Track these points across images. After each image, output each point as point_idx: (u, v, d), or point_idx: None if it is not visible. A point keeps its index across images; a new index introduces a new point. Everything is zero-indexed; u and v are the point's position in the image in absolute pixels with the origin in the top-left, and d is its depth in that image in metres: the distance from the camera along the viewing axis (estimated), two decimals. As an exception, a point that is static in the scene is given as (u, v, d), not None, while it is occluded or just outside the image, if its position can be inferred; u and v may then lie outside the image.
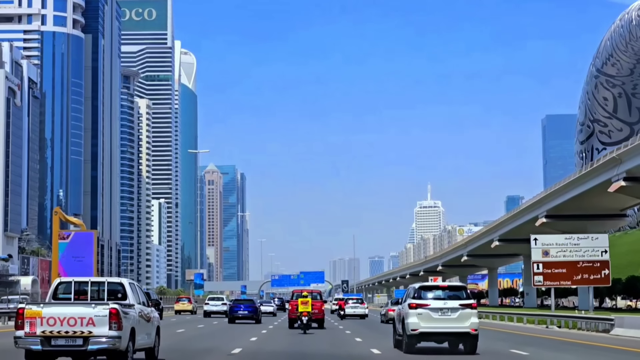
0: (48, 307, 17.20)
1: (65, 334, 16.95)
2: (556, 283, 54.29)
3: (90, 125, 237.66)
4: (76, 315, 16.98)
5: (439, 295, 24.24)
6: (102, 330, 16.96)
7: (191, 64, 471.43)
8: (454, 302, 23.88)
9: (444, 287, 25.04)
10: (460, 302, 23.91)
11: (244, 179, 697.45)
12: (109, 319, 16.96)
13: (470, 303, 24.04)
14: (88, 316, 16.96)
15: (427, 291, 24.46)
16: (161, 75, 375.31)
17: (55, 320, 16.94)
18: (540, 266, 53.26)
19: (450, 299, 24.08)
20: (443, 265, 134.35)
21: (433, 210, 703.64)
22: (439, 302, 23.89)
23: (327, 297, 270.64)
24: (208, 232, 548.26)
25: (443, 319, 23.68)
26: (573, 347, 29.75)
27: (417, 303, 23.92)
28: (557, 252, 53.10)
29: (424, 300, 23.99)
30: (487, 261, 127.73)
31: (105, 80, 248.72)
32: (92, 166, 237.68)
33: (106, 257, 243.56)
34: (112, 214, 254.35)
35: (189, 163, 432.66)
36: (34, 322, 16.95)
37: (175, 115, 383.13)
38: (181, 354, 23.94)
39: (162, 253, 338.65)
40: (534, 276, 53.99)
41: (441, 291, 24.50)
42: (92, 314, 16.96)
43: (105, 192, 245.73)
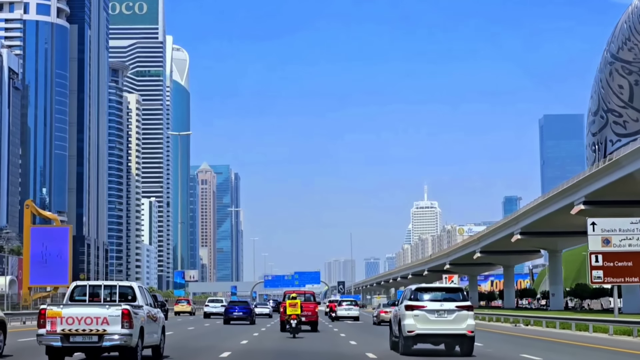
0: (67, 307, 19.01)
1: (82, 332, 18.74)
2: (620, 280, 44.14)
3: (76, 119, 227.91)
4: (92, 315, 18.78)
5: (435, 296, 24.25)
6: (115, 329, 18.76)
7: (184, 60, 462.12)
8: (450, 304, 23.83)
9: (441, 289, 25.11)
10: (457, 304, 23.85)
11: (238, 179, 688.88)
12: (121, 318, 18.75)
13: (466, 305, 23.99)
14: (103, 316, 18.78)
15: (424, 293, 24.44)
16: (152, 71, 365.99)
17: (74, 320, 18.75)
18: (599, 258, 42.79)
19: (447, 300, 24.03)
20: (451, 264, 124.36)
21: (430, 211, 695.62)
22: (435, 304, 23.85)
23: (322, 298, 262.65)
24: (201, 233, 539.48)
25: (439, 320, 23.66)
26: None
27: (413, 305, 23.89)
28: (620, 241, 42.54)
29: (420, 302, 23.95)
30: (502, 258, 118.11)
31: (92, 73, 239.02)
32: (78, 162, 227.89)
33: (92, 256, 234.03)
34: (100, 212, 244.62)
35: (181, 161, 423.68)
36: (55, 321, 18.76)
37: (166, 112, 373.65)
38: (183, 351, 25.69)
39: (152, 253, 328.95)
40: (592, 271, 43.42)
41: (438, 293, 24.58)
42: (107, 314, 18.78)
43: (91, 189, 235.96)
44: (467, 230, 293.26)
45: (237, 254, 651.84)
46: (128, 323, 18.79)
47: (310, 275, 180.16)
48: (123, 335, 18.78)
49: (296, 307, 35.05)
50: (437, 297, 24.22)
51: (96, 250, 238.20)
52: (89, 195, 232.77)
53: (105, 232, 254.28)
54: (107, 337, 18.76)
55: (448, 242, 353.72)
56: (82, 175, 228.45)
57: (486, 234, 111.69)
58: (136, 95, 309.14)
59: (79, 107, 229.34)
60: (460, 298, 24.32)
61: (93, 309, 18.95)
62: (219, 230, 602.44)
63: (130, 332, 18.85)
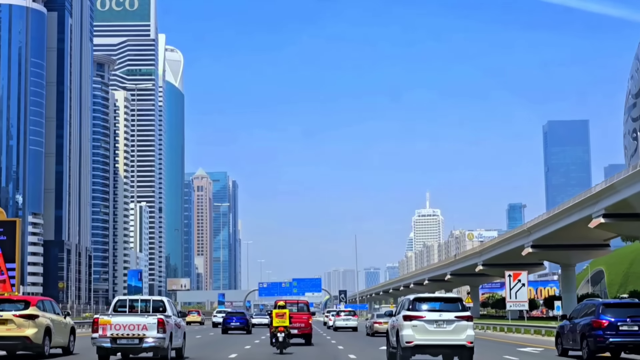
0: (115, 317, 25.13)
1: (127, 335, 24.78)
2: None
3: (55, 113, 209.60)
4: (134, 322, 24.95)
5: (434, 307, 23.85)
6: (152, 333, 24.84)
7: (178, 61, 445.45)
8: (449, 314, 23.49)
9: (439, 299, 24.71)
10: (456, 314, 23.53)
11: (236, 187, 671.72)
12: (157, 325, 24.89)
13: (466, 315, 23.64)
14: (143, 323, 24.92)
15: (422, 303, 24.00)
16: (143, 70, 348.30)
17: (120, 326, 24.78)
18: None
19: (446, 310, 23.65)
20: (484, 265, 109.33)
21: (432, 219, 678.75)
22: (434, 314, 23.54)
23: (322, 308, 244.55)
24: (197, 241, 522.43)
25: (438, 331, 23.36)
26: None
27: (411, 315, 23.60)
28: None
29: (418, 312, 23.61)
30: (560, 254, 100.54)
31: (74, 65, 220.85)
32: (57, 160, 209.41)
33: (73, 262, 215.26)
34: (82, 216, 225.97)
35: (175, 166, 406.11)
36: (105, 327, 24.73)
37: (159, 114, 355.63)
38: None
39: (142, 261, 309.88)
40: None
41: (436, 303, 24.14)
42: (146, 322, 24.93)
43: (72, 190, 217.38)
44: (477, 235, 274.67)
45: (235, 264, 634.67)
46: (162, 329, 24.95)
47: (311, 283, 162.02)
48: (158, 338, 24.87)
49: (284, 318, 31.64)
50: (435, 307, 23.79)
51: (77, 256, 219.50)
52: (69, 196, 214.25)
53: (89, 237, 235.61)
54: (146, 339, 24.79)
55: (456, 248, 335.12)
56: (61, 174, 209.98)
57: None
58: (125, 93, 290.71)
59: (59, 101, 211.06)
60: (460, 308, 23.85)
61: (135, 318, 25.14)
62: (216, 239, 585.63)
63: (164, 336, 25.00)
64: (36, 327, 27.02)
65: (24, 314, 27.06)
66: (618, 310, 27.96)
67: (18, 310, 27.26)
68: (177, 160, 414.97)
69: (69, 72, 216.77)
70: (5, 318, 26.89)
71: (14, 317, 26.87)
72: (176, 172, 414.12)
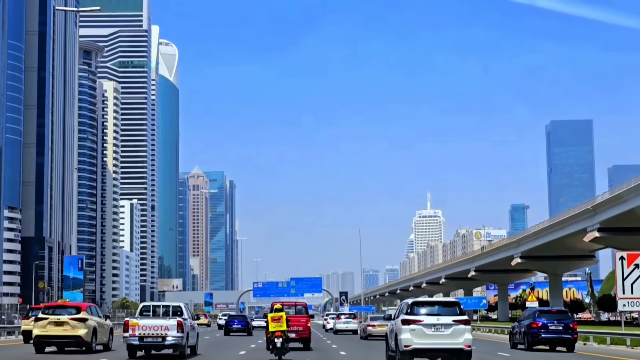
0: (142, 319, 29.48)
1: (152, 335, 29.05)
2: None
3: (36, 101, 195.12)
4: (158, 324, 29.19)
5: (432, 311, 24.01)
6: (173, 333, 29.07)
7: (172, 55, 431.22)
8: (447, 318, 23.68)
9: (437, 303, 24.85)
10: (454, 318, 23.69)
11: (234, 187, 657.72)
12: (176, 326, 29.15)
13: (463, 319, 23.81)
14: (165, 325, 29.17)
15: (420, 307, 24.23)
16: (135, 62, 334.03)
17: (146, 327, 29.07)
18: None
19: (444, 314, 23.83)
20: (524, 257, 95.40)
21: (433, 220, 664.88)
22: (432, 318, 23.71)
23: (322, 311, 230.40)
24: (193, 241, 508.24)
25: (436, 335, 23.52)
26: None
27: (410, 319, 23.76)
28: None
29: (417, 316, 23.79)
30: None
31: (57, 50, 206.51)
32: (38, 151, 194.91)
33: (56, 261, 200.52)
34: (66, 211, 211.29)
35: (169, 163, 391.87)
36: (134, 328, 29.02)
37: (151, 107, 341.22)
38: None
39: (133, 261, 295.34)
40: None
41: (434, 307, 24.27)
42: (167, 324, 29.18)
43: (55, 183, 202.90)
44: (484, 234, 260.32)
45: (232, 265, 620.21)
46: (181, 330, 29.20)
47: (310, 283, 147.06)
48: (177, 337, 29.15)
49: (280, 322, 29.44)
50: (433, 312, 23.93)
51: (60, 254, 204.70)
52: (51, 190, 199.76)
53: (74, 234, 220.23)
54: (167, 338, 29.07)
55: (463, 247, 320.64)
56: (42, 166, 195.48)
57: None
58: (114, 83, 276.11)
59: (40, 88, 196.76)
60: (457, 312, 23.95)
61: (159, 321, 29.41)
62: (213, 240, 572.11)
63: (182, 336, 29.27)
64: (86, 328, 32.18)
65: (77, 317, 32.36)
66: (549, 315, 38.24)
67: (71, 314, 32.59)
68: (171, 157, 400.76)
69: (52, 57, 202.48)
70: (62, 320, 32.23)
71: (69, 320, 32.23)
72: (170, 169, 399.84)
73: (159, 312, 30.73)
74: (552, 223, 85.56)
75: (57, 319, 32.10)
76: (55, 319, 32.16)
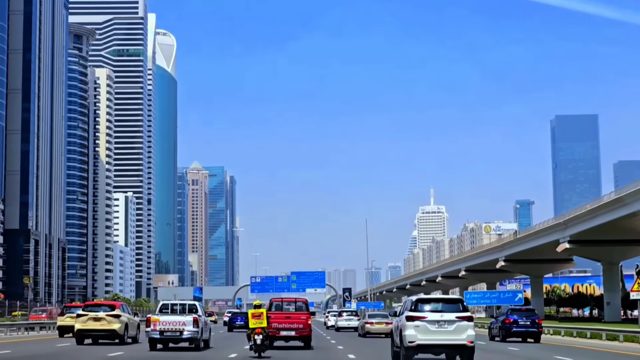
0: (162, 316, 33.32)
1: (171, 329, 32.65)
2: None
3: (21, 85, 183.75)
4: (176, 320, 32.89)
5: (435, 307, 24.42)
6: (189, 328, 32.64)
7: (170, 45, 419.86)
8: (450, 315, 24.06)
9: (441, 300, 25.21)
10: (457, 315, 24.06)
11: (234, 183, 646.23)
12: (192, 322, 32.75)
13: (466, 315, 24.23)
14: (182, 321, 32.84)
15: (424, 304, 24.64)
16: (131, 50, 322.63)
17: (166, 323, 32.80)
18: None
19: (447, 311, 24.20)
20: (573, 242, 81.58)
21: (436, 216, 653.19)
22: (435, 315, 24.07)
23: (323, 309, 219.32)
24: (192, 237, 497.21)
25: (440, 331, 23.91)
26: None
27: (414, 315, 24.16)
28: None
29: (421, 313, 24.18)
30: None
31: (43, 32, 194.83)
32: (23, 138, 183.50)
33: (42, 255, 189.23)
34: (54, 203, 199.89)
35: (166, 156, 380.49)
36: (156, 323, 32.81)
37: (148, 98, 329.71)
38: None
39: (127, 256, 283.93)
40: None
41: (438, 304, 24.67)
42: (184, 320, 32.84)
43: (42, 173, 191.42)
44: (494, 228, 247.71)
45: (233, 262, 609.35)
46: (196, 325, 32.74)
47: (312, 277, 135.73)
48: (193, 331, 32.68)
49: (261, 319, 29.35)
50: (437, 308, 24.30)
51: (47, 248, 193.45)
52: (37, 180, 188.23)
53: (63, 227, 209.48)
54: (185, 332, 32.59)
55: (471, 242, 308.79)
56: (28, 154, 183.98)
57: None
58: (107, 70, 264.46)
59: (25, 71, 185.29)
60: (461, 309, 24.31)
61: (177, 317, 33.17)
62: (213, 237, 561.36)
63: (197, 330, 32.77)
64: (120, 323, 37.61)
65: (112, 314, 37.88)
66: (519, 312, 46.85)
67: (107, 311, 38.24)
68: (169, 150, 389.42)
69: (38, 39, 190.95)
70: (100, 317, 37.71)
71: (105, 316, 37.71)
72: (168, 162, 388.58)
73: (176, 310, 34.44)
74: (612, 199, 74.47)
75: (95, 315, 37.37)
76: (93, 315, 37.42)
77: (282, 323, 34.38)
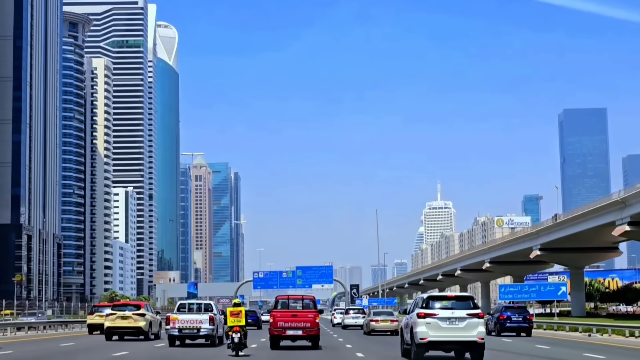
0: (180, 314, 35.51)
1: (189, 327, 34.96)
2: None
3: (12, 72, 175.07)
4: (194, 318, 35.19)
5: (446, 304, 24.45)
6: (206, 325, 35.07)
7: (172, 38, 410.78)
8: (461, 312, 24.07)
9: (451, 297, 25.09)
10: (468, 312, 24.08)
11: (239, 179, 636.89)
12: (209, 320, 35.16)
13: (477, 313, 24.24)
14: (199, 319, 35.18)
15: (435, 301, 24.69)
16: (130, 41, 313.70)
17: (184, 321, 35.05)
18: None
19: (458, 308, 24.21)
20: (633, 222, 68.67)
21: (443, 212, 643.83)
22: (446, 312, 24.11)
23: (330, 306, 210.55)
24: (195, 234, 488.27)
25: (451, 328, 23.90)
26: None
27: (425, 312, 24.19)
28: None
29: (432, 310, 24.23)
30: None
31: (35, 17, 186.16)
32: (15, 128, 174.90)
33: (36, 251, 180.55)
34: (48, 197, 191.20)
35: (168, 150, 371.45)
36: (175, 321, 35.07)
37: (148, 90, 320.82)
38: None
39: (128, 252, 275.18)
40: None
41: (448, 301, 24.70)
42: (201, 318, 35.20)
43: (35, 165, 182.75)
44: (507, 221, 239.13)
45: (238, 259, 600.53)
46: (212, 323, 35.20)
47: (319, 272, 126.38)
48: (209, 329, 35.13)
49: (239, 317, 29.38)
50: (448, 305, 24.34)
51: (41, 243, 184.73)
52: (29, 172, 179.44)
53: (58, 222, 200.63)
54: (202, 329, 34.96)
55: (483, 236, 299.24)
56: (19, 145, 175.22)
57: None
58: (105, 60, 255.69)
59: (16, 58, 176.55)
60: (471, 306, 24.35)
61: (195, 315, 35.45)
62: (218, 234, 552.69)
63: (213, 327, 35.24)
64: (145, 321, 41.76)
65: (137, 313, 42.01)
66: (512, 309, 51.43)
67: (133, 310, 42.33)
68: (171, 145, 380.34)
69: (30, 25, 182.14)
70: (127, 315, 41.71)
71: (132, 315, 41.84)
72: (170, 157, 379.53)
73: (193, 309, 36.76)
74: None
75: (123, 314, 42.00)
76: (121, 314, 41.99)
77: (289, 322, 32.79)
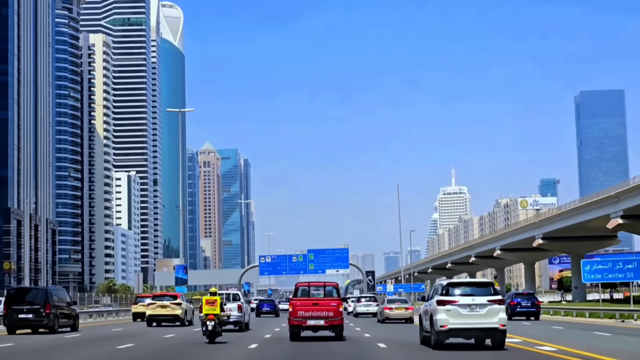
0: None
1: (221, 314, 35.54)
2: None
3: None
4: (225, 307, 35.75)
5: (466, 291, 24.23)
6: (235, 313, 38.95)
7: (177, 18, 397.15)
8: (481, 299, 23.92)
9: (472, 284, 25.05)
10: (488, 298, 23.93)
11: (248, 166, 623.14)
12: (237, 308, 39.31)
13: (498, 299, 24.06)
14: (229, 307, 37.33)
15: (455, 288, 24.47)
16: (132, 19, 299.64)
17: None
18: None
19: (478, 295, 24.05)
20: None
21: (458, 197, 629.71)
22: (467, 299, 23.91)
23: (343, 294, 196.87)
24: (204, 222, 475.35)
25: (471, 315, 23.76)
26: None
27: (445, 300, 23.96)
28: None
29: (452, 297, 24.02)
30: None
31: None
32: (1, 104, 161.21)
33: (27, 238, 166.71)
34: (40, 180, 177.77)
35: (174, 134, 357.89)
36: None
37: (152, 71, 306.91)
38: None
39: (131, 240, 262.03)
40: None
41: (468, 288, 24.52)
42: (231, 306, 38.38)
43: (25, 144, 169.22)
44: (531, 202, 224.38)
45: (248, 248, 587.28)
46: (240, 310, 39.47)
47: (334, 255, 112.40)
48: (238, 316, 39.25)
49: (214, 306, 29.19)
50: (468, 292, 24.13)
51: (33, 229, 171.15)
52: (18, 152, 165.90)
53: (52, 206, 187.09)
54: (231, 316, 37.56)
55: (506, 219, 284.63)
56: (6, 122, 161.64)
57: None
58: (104, 36, 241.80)
59: (2, 28, 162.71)
60: (492, 292, 24.22)
61: None
62: (227, 222, 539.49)
63: (241, 315, 39.54)
64: (181, 309, 46.61)
65: (175, 302, 46.82)
66: (522, 296, 56.87)
67: (170, 300, 47.01)
68: (176, 128, 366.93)
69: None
70: (166, 304, 46.63)
71: (170, 304, 46.66)
72: (175, 141, 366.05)
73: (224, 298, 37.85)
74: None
75: (162, 303, 46.91)
76: (160, 304, 46.87)
77: (309, 311, 29.90)
